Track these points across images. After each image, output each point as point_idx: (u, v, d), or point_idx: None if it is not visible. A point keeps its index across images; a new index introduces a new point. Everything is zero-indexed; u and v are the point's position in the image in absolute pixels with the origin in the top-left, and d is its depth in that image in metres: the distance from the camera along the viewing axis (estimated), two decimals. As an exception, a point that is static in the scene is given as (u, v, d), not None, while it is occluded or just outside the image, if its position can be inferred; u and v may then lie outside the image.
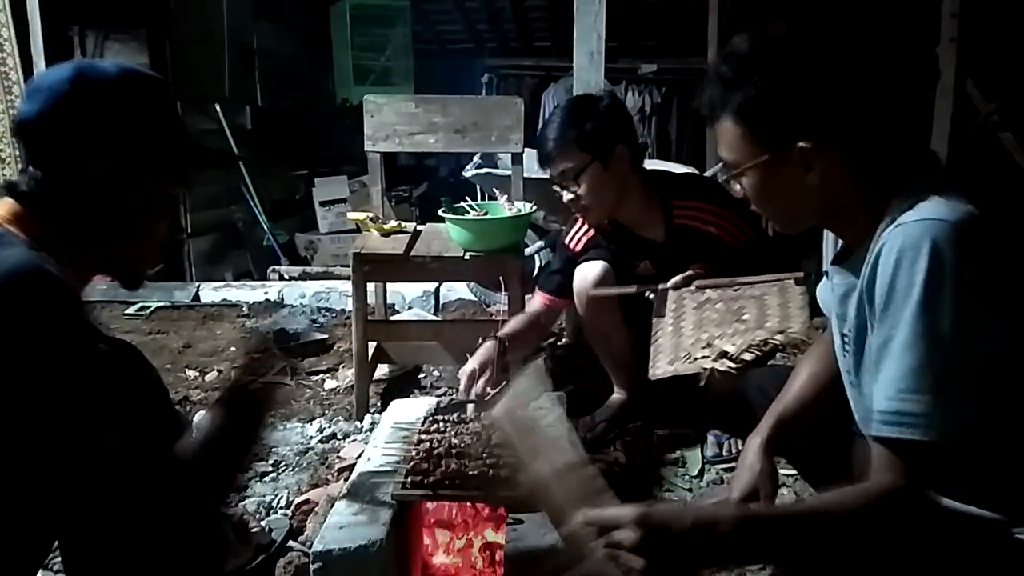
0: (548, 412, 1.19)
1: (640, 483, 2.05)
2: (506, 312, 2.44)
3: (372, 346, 2.56)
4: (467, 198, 2.65)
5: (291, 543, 1.77)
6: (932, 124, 3.90)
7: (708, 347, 1.68)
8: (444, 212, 2.52)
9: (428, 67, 7.50)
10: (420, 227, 2.86)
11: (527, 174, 2.96)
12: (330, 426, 2.45)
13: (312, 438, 2.38)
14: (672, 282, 2.00)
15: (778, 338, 1.62)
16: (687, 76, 7.06)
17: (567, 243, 2.36)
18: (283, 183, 6.37)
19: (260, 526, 1.79)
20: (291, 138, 6.34)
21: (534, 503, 1.17)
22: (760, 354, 1.59)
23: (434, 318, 3.56)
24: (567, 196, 2.15)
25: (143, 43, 4.67)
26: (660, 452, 2.22)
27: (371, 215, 2.81)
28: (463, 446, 1.53)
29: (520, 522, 1.42)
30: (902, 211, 0.97)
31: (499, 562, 1.62)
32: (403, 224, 2.82)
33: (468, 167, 4.32)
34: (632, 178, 2.15)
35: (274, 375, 2.87)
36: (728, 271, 1.99)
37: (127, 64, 1.25)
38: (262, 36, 6.09)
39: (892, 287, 0.93)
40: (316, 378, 2.88)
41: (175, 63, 4.71)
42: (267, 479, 2.12)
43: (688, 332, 1.80)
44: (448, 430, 1.63)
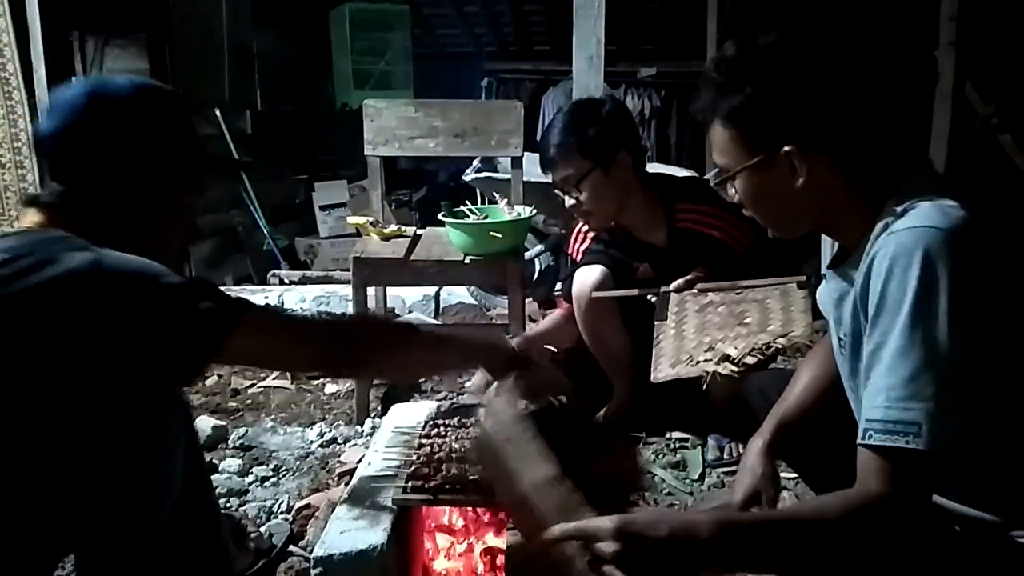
0: (523, 429, 1.19)
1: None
2: (506, 316, 2.45)
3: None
4: (467, 202, 2.65)
5: (291, 548, 1.76)
6: (931, 127, 3.90)
7: (710, 350, 1.68)
8: (444, 216, 2.52)
9: (428, 71, 7.51)
10: (420, 231, 2.86)
11: (527, 178, 2.96)
12: (331, 430, 2.45)
13: (313, 442, 2.38)
14: (674, 285, 2.00)
15: (780, 342, 1.62)
16: (686, 80, 7.05)
17: (570, 253, 2.38)
18: (283, 187, 6.37)
19: (259, 531, 1.79)
20: (291, 142, 6.34)
21: (511, 521, 1.18)
22: (762, 357, 1.59)
23: (434, 322, 3.56)
24: (569, 202, 2.16)
25: (143, 48, 4.68)
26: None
27: (371, 219, 2.81)
28: (464, 450, 1.53)
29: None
30: (895, 216, 0.97)
31: (500, 567, 1.62)
32: (403, 228, 2.82)
33: (468, 171, 4.31)
34: (634, 183, 2.15)
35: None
36: (730, 275, 1.99)
37: (142, 80, 1.30)
38: (262, 41, 6.09)
39: (884, 295, 0.94)
40: (316, 382, 2.88)
41: (175, 68, 4.71)
42: (267, 484, 2.12)
43: (690, 335, 1.81)
44: (449, 434, 1.62)
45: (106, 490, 1.09)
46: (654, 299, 2.05)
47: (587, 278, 2.21)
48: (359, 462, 1.78)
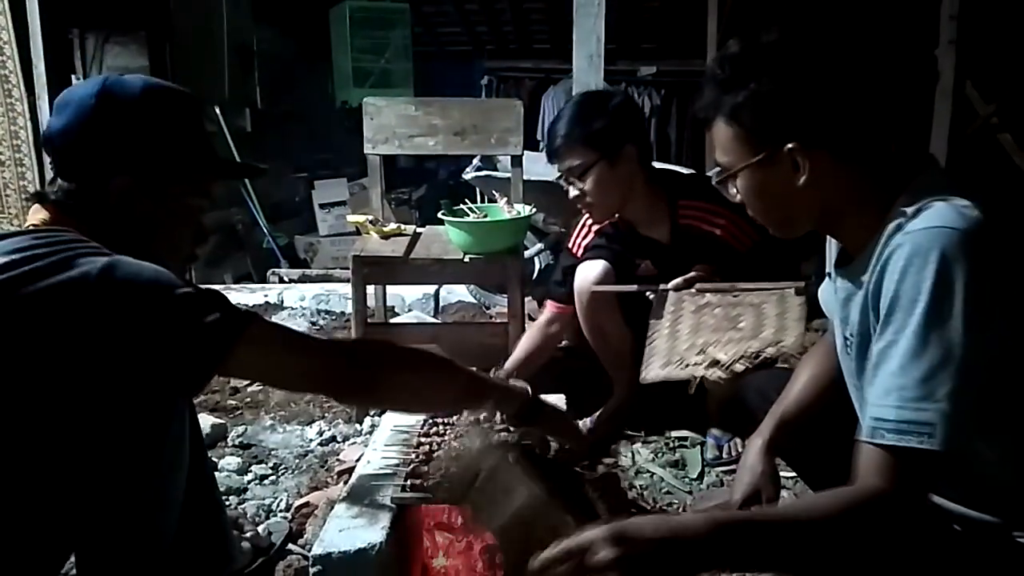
0: (499, 457, 1.15)
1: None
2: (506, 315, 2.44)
3: (361, 339, 2.56)
4: (467, 201, 2.65)
5: (290, 546, 1.76)
6: (931, 126, 3.90)
7: (701, 353, 1.69)
8: (443, 215, 2.52)
9: (427, 69, 7.52)
10: (420, 229, 2.86)
11: (527, 176, 2.96)
12: (329, 429, 2.45)
13: (312, 441, 2.38)
14: (673, 283, 2.00)
15: (770, 351, 1.64)
16: (686, 78, 7.07)
17: (570, 248, 2.36)
18: (283, 185, 6.37)
19: (256, 530, 1.79)
20: (291, 140, 6.34)
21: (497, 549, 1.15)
22: (750, 366, 1.60)
23: (434, 320, 3.56)
24: (572, 192, 2.15)
25: (143, 45, 4.67)
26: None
27: (371, 217, 2.81)
28: (463, 448, 1.53)
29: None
30: (908, 217, 0.97)
31: (499, 564, 1.62)
32: (403, 226, 2.82)
33: (468, 170, 4.32)
34: (639, 177, 2.15)
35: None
36: (731, 273, 1.99)
37: (154, 80, 1.28)
38: (262, 38, 6.09)
39: (897, 294, 0.93)
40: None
41: (175, 65, 4.71)
42: (266, 482, 2.12)
43: (684, 336, 1.81)
44: (447, 433, 1.62)
45: (110, 493, 1.09)
46: (652, 296, 2.05)
47: (589, 273, 2.21)
48: (358, 460, 1.78)
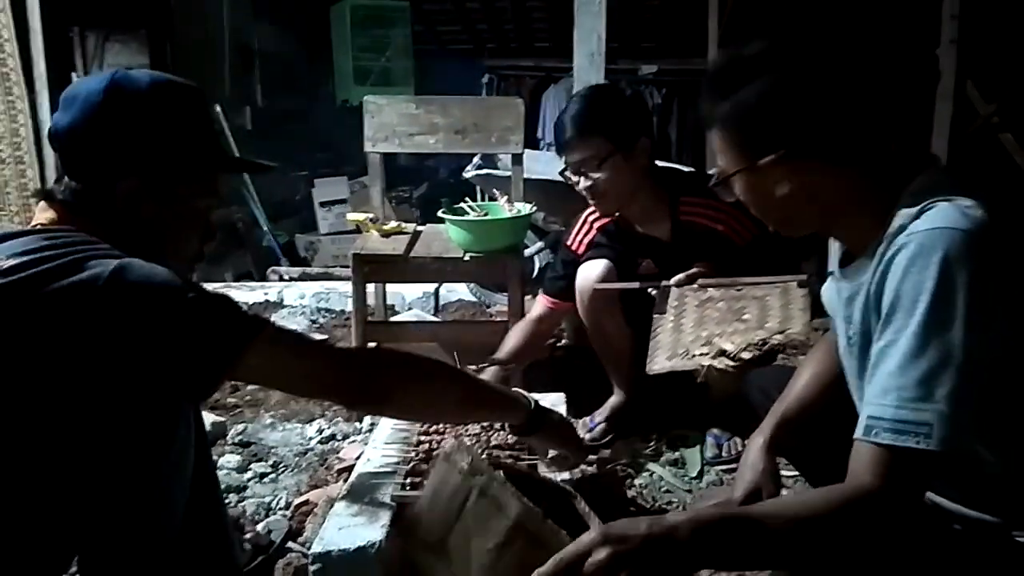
0: (486, 480, 1.10)
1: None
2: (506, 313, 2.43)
3: (371, 347, 2.56)
4: (467, 199, 2.65)
5: (290, 544, 1.76)
6: (932, 126, 3.90)
7: (707, 344, 1.68)
8: (444, 213, 2.51)
9: (428, 68, 7.51)
10: (420, 228, 2.86)
11: (527, 175, 2.96)
12: (329, 427, 2.45)
13: (311, 439, 2.37)
14: (676, 279, 2.00)
15: (777, 338, 1.63)
16: (687, 77, 7.06)
17: (568, 244, 2.36)
18: (283, 184, 6.37)
19: (255, 530, 1.79)
20: (291, 139, 6.34)
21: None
22: (759, 353, 1.59)
23: (434, 319, 3.56)
24: (583, 184, 2.12)
25: (143, 43, 4.68)
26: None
27: (371, 216, 2.81)
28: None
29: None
30: (911, 217, 0.97)
31: None
32: (403, 225, 2.82)
33: (468, 168, 4.31)
34: (647, 172, 2.15)
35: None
36: (732, 270, 1.99)
37: (161, 75, 1.25)
38: (262, 36, 6.10)
39: (899, 294, 0.93)
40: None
41: (175, 63, 4.72)
42: (266, 480, 2.12)
43: (688, 329, 1.81)
44: (447, 431, 1.62)
45: (115, 495, 1.09)
46: (655, 292, 2.05)
47: (591, 272, 2.21)
48: (358, 459, 1.78)
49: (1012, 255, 0.96)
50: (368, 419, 2.46)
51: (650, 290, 2.06)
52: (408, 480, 1.47)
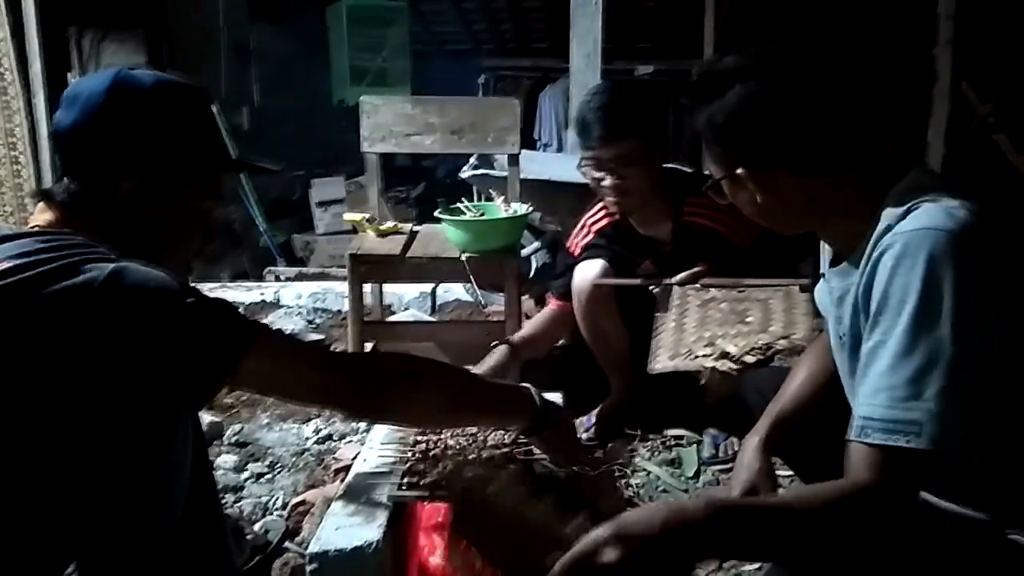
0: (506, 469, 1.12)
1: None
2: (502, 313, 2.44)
3: (368, 347, 2.56)
4: (464, 199, 2.65)
5: (287, 544, 1.76)
6: (928, 126, 3.91)
7: (710, 346, 1.69)
8: (440, 213, 2.52)
9: (425, 68, 7.51)
10: (417, 228, 2.86)
11: (524, 175, 2.96)
12: (326, 427, 2.45)
13: (308, 439, 2.37)
14: (678, 278, 2.00)
15: (781, 343, 1.63)
16: (683, 78, 7.05)
17: (569, 248, 2.37)
18: (280, 183, 6.36)
19: (253, 530, 1.79)
20: (288, 138, 6.33)
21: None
22: (762, 357, 1.60)
23: (431, 319, 3.56)
24: (608, 181, 2.11)
25: (140, 43, 4.67)
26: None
27: (368, 216, 2.81)
28: (459, 447, 1.53)
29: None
30: (897, 217, 0.98)
31: (496, 568, 1.62)
32: (400, 225, 2.82)
33: (465, 168, 4.31)
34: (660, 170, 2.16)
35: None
36: (732, 270, 1.99)
37: (164, 74, 1.24)
38: (259, 36, 6.09)
39: (886, 295, 0.94)
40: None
41: (172, 63, 4.71)
42: (263, 480, 2.12)
43: (691, 329, 1.81)
44: (445, 431, 1.62)
45: (112, 498, 1.08)
46: (656, 290, 2.05)
47: (588, 272, 2.21)
48: (355, 458, 1.78)
49: (1004, 254, 0.96)
50: (365, 419, 2.46)
51: (651, 288, 2.06)
52: (405, 480, 1.46)
